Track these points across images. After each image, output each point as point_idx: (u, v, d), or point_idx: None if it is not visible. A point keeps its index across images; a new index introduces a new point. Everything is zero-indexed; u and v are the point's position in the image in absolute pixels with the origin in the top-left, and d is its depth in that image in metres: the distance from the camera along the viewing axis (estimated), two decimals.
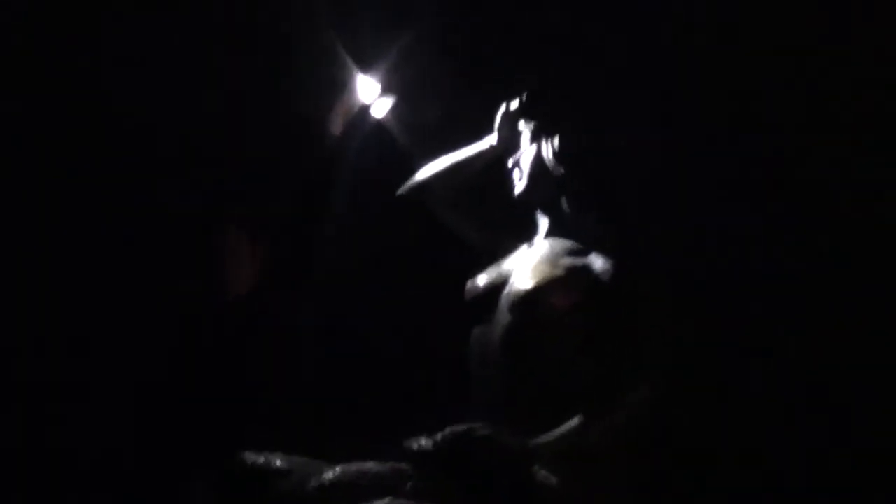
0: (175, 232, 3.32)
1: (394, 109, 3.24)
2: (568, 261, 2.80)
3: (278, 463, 2.45)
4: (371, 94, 3.23)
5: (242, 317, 3.16)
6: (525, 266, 2.85)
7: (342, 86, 3.22)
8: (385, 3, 3.44)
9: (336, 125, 3.25)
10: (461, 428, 2.45)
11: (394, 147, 3.25)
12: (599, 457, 2.59)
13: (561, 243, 2.86)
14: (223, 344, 3.11)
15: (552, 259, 2.82)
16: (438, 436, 2.44)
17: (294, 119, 3.37)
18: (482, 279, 2.93)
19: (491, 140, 3.05)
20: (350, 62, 3.24)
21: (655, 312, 2.71)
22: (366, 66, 3.23)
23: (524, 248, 2.94)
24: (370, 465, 2.43)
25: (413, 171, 3.10)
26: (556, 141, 2.90)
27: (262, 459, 2.45)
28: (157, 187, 3.38)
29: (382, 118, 3.25)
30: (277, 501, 2.37)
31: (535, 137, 2.95)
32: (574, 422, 2.61)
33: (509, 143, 3.02)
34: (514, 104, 3.01)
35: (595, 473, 2.57)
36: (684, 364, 2.76)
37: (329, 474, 2.39)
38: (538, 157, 2.93)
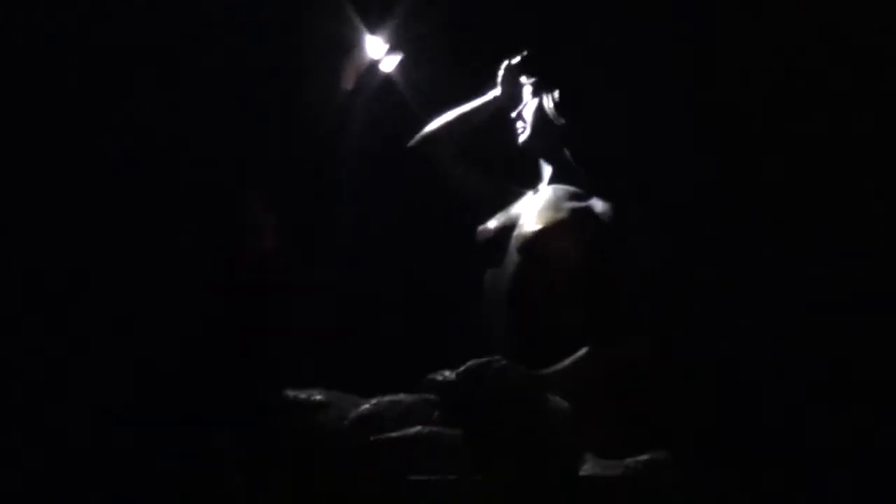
0: (202, 199, 3.48)
1: (401, 66, 3.42)
2: (571, 204, 3.01)
3: (318, 397, 2.62)
4: (379, 51, 3.41)
5: (263, 271, 3.34)
6: (531, 211, 3.06)
7: (352, 45, 3.40)
8: None
9: (347, 82, 3.43)
10: (480, 361, 2.64)
11: (402, 102, 3.44)
12: (602, 387, 2.80)
13: (564, 189, 3.07)
14: (246, 299, 3.30)
15: (556, 203, 3.03)
16: (461, 369, 2.63)
17: (307, 80, 3.52)
18: (492, 224, 3.13)
19: (495, 93, 3.23)
20: (359, 22, 3.41)
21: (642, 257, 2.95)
22: (373, 26, 3.41)
23: (530, 194, 3.15)
24: (401, 398, 2.62)
25: (421, 124, 3.27)
26: (556, 94, 3.11)
27: (303, 394, 2.64)
28: (180, 158, 3.52)
29: (390, 74, 3.44)
30: (319, 432, 2.56)
31: (537, 91, 3.15)
32: (580, 354, 2.82)
33: (512, 96, 3.20)
34: (517, 59, 3.19)
35: (597, 401, 2.77)
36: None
37: (366, 406, 2.58)
38: (540, 109, 3.13)
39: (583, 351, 2.83)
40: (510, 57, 3.21)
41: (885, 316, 3.42)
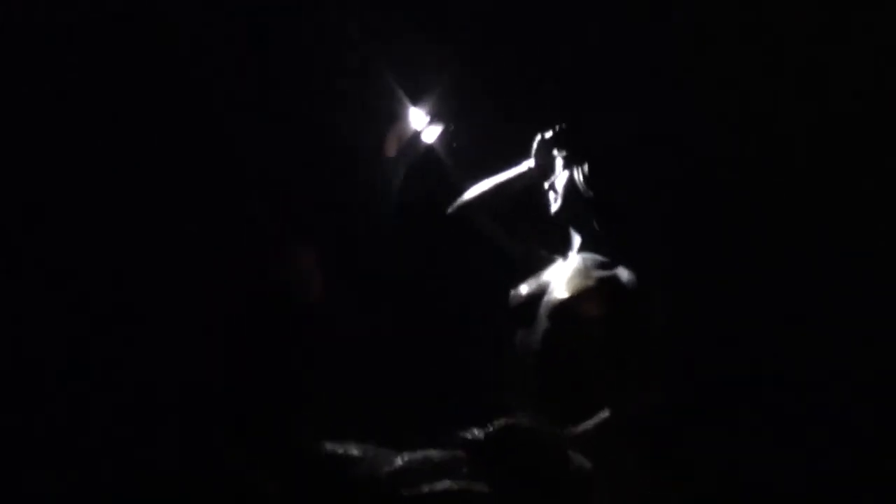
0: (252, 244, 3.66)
1: (442, 136, 3.62)
2: (598, 273, 3.18)
3: (354, 451, 2.80)
4: (421, 122, 3.62)
5: (302, 318, 3.50)
6: (561, 277, 3.22)
7: (396, 116, 3.61)
8: (433, 45, 3.80)
9: (391, 150, 3.64)
10: (508, 420, 2.79)
11: (443, 170, 3.63)
12: (621, 445, 2.96)
13: (592, 257, 3.24)
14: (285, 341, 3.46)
15: (584, 271, 3.20)
16: (489, 427, 2.77)
17: (354, 147, 3.74)
18: (524, 289, 3.30)
19: (529, 164, 3.42)
20: (402, 95, 3.63)
21: (663, 321, 3.11)
22: (416, 98, 3.62)
23: (560, 261, 3.33)
24: (432, 453, 2.76)
25: (460, 191, 3.47)
26: (586, 167, 3.29)
27: (340, 449, 2.81)
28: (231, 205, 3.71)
29: (432, 144, 3.64)
30: (356, 484, 2.72)
31: (568, 163, 3.33)
32: (603, 415, 2.98)
33: (545, 167, 3.38)
34: (549, 134, 3.39)
35: (618, 458, 2.94)
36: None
37: (398, 460, 2.73)
38: (571, 181, 3.31)
39: (606, 412, 2.99)
40: (544, 131, 3.40)
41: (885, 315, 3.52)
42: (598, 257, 3.24)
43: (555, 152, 3.38)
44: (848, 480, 3.36)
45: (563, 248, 3.34)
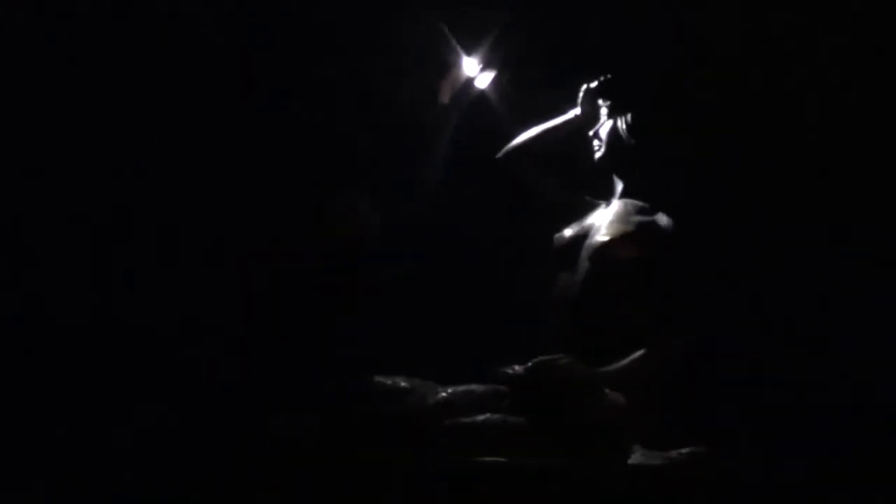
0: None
1: (493, 85, 3.76)
2: (638, 218, 3.33)
3: (402, 384, 2.99)
4: (474, 70, 3.77)
5: (354, 259, 3.70)
6: (602, 222, 3.38)
7: (450, 65, 3.76)
8: None
9: (445, 97, 3.79)
10: (547, 358, 2.95)
11: (493, 116, 3.78)
12: (651, 384, 3.13)
13: (633, 203, 3.39)
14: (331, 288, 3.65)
15: (625, 216, 3.35)
16: (529, 363, 2.95)
17: (413, 95, 3.88)
18: (568, 232, 3.46)
19: (575, 113, 3.55)
20: (457, 45, 3.77)
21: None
22: (470, 49, 3.76)
23: (602, 206, 3.48)
24: (474, 387, 2.96)
25: (509, 136, 3.60)
26: (630, 117, 3.43)
27: (389, 381, 3.01)
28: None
29: (484, 90, 3.78)
30: (403, 414, 2.91)
31: (612, 113, 3.46)
32: (638, 354, 3.14)
33: (590, 116, 3.51)
34: (595, 84, 3.52)
35: (649, 397, 3.10)
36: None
37: (443, 393, 2.93)
38: (614, 130, 3.44)
39: (640, 352, 3.15)
40: (590, 81, 3.53)
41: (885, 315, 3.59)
42: (639, 203, 3.39)
43: (600, 101, 3.50)
44: (848, 480, 3.44)
45: (605, 194, 3.48)
